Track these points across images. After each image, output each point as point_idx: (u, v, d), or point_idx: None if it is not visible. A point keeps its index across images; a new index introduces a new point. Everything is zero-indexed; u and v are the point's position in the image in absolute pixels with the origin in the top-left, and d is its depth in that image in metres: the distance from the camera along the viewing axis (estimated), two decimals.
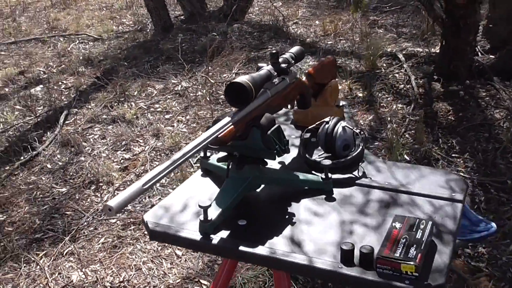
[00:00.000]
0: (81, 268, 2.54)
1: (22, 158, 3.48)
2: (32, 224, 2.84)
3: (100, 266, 2.54)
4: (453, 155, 3.23)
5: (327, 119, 1.60)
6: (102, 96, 4.27)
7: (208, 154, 1.60)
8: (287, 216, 1.34)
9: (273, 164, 1.57)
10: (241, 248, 1.22)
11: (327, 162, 1.44)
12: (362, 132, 1.60)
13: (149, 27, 6.09)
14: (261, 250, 1.21)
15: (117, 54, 5.27)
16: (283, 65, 1.51)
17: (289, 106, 1.65)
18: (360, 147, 1.54)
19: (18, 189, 3.16)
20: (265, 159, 1.39)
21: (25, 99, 4.24)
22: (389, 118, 3.63)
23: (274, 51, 1.51)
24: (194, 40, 5.45)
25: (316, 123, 1.61)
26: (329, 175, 1.45)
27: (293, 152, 1.63)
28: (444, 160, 3.18)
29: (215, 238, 1.25)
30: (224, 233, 1.27)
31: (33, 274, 2.53)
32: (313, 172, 1.51)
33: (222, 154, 1.48)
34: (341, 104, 1.84)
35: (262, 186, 1.46)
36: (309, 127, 1.63)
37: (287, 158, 1.63)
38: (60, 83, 4.67)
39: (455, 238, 1.25)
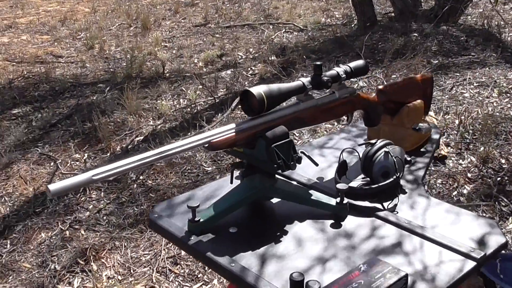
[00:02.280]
0: None
1: (188, 134, 3.81)
2: (171, 195, 3.12)
3: None
4: None
5: (373, 140, 1.49)
6: None
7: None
8: (278, 233, 1.30)
9: (303, 178, 1.52)
10: (208, 254, 1.23)
11: (343, 186, 1.35)
12: (412, 161, 1.46)
13: (354, 22, 6.08)
14: (223, 260, 1.20)
15: (310, 47, 5.38)
16: (325, 78, 1.45)
17: (344, 121, 1.59)
18: (394, 178, 1.41)
19: (173, 162, 3.48)
20: (272, 172, 1.36)
21: (212, 80, 4.59)
22: None
23: (318, 63, 1.45)
24: (392, 39, 5.29)
25: (360, 144, 1.52)
26: (345, 200, 1.36)
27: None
28: None
29: (193, 240, 1.27)
30: (206, 237, 1.29)
31: (152, 239, 2.80)
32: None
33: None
34: (417, 127, 1.68)
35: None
36: (347, 147, 1.54)
37: (330, 175, 1.56)
38: (249, 69, 4.95)
39: None
